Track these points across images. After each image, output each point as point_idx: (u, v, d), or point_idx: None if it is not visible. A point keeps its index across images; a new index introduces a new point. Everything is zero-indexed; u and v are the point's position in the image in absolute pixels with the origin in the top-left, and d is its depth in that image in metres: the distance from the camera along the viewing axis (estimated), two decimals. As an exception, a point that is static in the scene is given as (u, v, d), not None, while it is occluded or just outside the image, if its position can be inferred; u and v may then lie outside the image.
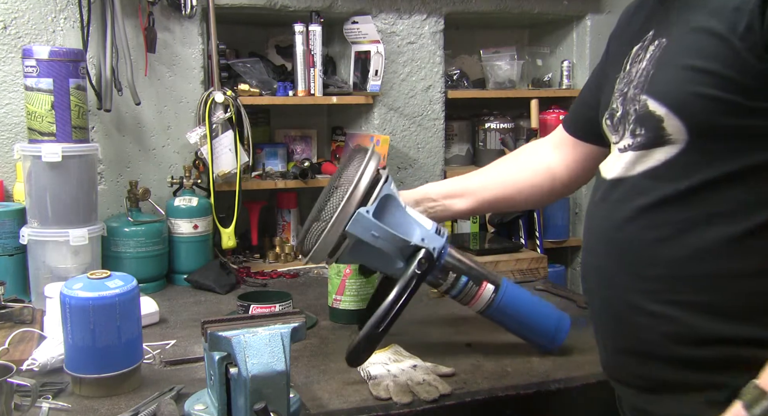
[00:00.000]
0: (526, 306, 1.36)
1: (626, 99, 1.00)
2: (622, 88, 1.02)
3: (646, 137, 0.94)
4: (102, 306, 1.19)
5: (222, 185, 2.14)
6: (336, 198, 1.24)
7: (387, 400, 1.19)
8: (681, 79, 0.90)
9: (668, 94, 0.91)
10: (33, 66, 1.69)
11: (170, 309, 1.73)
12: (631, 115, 0.98)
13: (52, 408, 1.15)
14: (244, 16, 2.33)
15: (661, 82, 0.93)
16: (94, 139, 2.02)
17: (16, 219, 1.78)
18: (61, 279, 1.50)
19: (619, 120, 1.02)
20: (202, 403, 1.11)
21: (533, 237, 2.53)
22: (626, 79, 1.02)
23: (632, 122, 0.97)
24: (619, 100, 1.02)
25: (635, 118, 0.97)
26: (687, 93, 0.89)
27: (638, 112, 0.96)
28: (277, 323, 1.05)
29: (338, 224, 1.21)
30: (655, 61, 0.96)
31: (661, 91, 0.93)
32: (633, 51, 1.03)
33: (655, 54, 0.96)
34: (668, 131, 0.91)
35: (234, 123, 2.12)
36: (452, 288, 1.33)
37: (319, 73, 2.23)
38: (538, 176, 1.40)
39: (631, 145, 0.98)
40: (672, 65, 0.92)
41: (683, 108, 0.89)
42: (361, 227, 1.21)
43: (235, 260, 2.20)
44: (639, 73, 0.99)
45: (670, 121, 0.90)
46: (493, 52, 2.66)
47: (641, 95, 0.95)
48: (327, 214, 1.24)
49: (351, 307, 1.61)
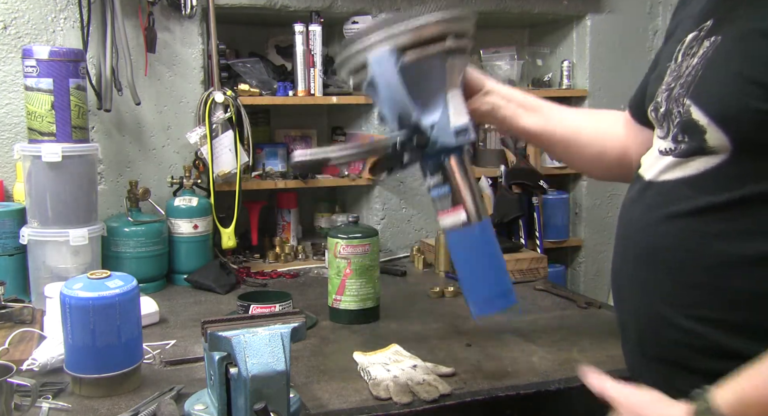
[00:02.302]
0: (485, 257, 1.23)
1: (671, 96, 0.94)
2: (670, 83, 0.96)
3: (688, 145, 0.90)
4: (102, 306, 1.19)
5: (222, 185, 2.14)
6: (392, 27, 1.09)
7: (387, 400, 1.19)
8: (730, 87, 0.84)
9: (714, 104, 0.86)
10: (33, 66, 1.69)
11: (170, 309, 1.73)
12: (674, 116, 0.93)
13: (52, 408, 1.15)
14: (244, 16, 2.33)
15: (707, 87, 0.87)
16: (94, 138, 2.02)
17: (16, 219, 1.78)
18: (61, 279, 1.50)
19: (663, 116, 0.97)
20: (202, 403, 1.11)
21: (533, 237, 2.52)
22: (676, 72, 0.95)
23: (675, 126, 0.92)
24: (664, 95, 0.96)
25: (679, 122, 0.92)
26: (734, 105, 0.83)
27: (682, 116, 0.91)
28: (277, 323, 1.05)
29: (364, 49, 1.11)
30: (707, 60, 0.89)
31: (707, 98, 0.87)
32: (687, 39, 0.96)
33: (708, 52, 0.90)
34: (710, 143, 0.86)
35: (234, 123, 2.12)
36: (433, 188, 1.21)
37: (319, 73, 2.23)
38: (614, 141, 1.24)
39: (672, 150, 0.93)
40: (722, 70, 0.86)
41: (729, 121, 0.84)
42: (379, 67, 1.10)
43: (235, 260, 2.19)
44: (688, 70, 0.92)
45: (713, 132, 0.85)
46: (493, 52, 2.66)
47: (686, 98, 0.90)
48: (370, 34, 1.10)
49: (351, 307, 1.61)
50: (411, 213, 2.43)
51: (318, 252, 2.31)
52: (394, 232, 2.42)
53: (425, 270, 2.18)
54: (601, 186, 2.69)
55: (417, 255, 2.23)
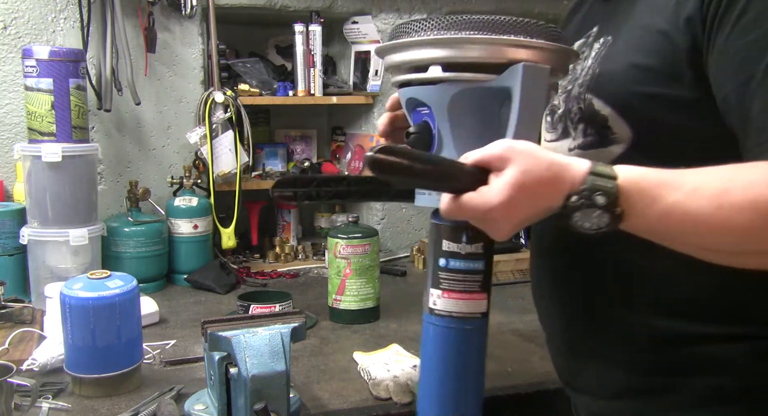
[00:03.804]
0: (481, 358, 1.01)
1: (570, 96, 0.98)
2: (566, 86, 1.00)
3: (593, 137, 0.93)
4: (102, 306, 1.19)
5: (222, 185, 2.14)
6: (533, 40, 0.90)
7: (387, 400, 1.19)
8: (624, 77, 0.88)
9: (612, 93, 0.89)
10: (33, 66, 1.69)
11: (170, 309, 1.73)
12: (575, 113, 0.96)
13: (52, 408, 1.15)
14: (244, 16, 2.33)
15: (605, 80, 0.91)
16: (94, 139, 2.02)
17: (16, 219, 1.78)
18: (61, 279, 1.50)
19: (559, 117, 1.00)
20: (202, 403, 1.11)
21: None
22: (571, 76, 0.99)
23: (578, 121, 0.96)
24: (561, 97, 1.00)
25: (581, 117, 0.95)
26: (629, 91, 0.87)
27: (584, 110, 0.94)
28: (277, 323, 1.05)
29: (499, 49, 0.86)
30: (601, 59, 0.94)
31: (606, 90, 0.91)
32: (575, 46, 1.01)
33: (601, 52, 0.94)
34: (614, 130, 0.89)
35: (234, 123, 2.12)
36: (464, 258, 1.00)
37: (319, 73, 2.23)
38: None
39: (580, 144, 0.96)
40: (616, 63, 0.90)
41: (627, 107, 0.88)
42: (531, 81, 0.86)
43: (235, 260, 2.19)
44: (585, 71, 0.96)
45: (615, 120, 0.89)
46: (493, 52, 2.66)
47: (587, 95, 0.93)
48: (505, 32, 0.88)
49: (351, 307, 1.62)
50: (411, 213, 2.43)
51: (318, 252, 2.31)
52: (394, 232, 2.42)
53: (425, 270, 2.18)
54: (601, 186, 2.69)
55: (417, 255, 2.23)
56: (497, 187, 0.74)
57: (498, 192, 0.74)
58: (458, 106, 0.88)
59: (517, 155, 0.75)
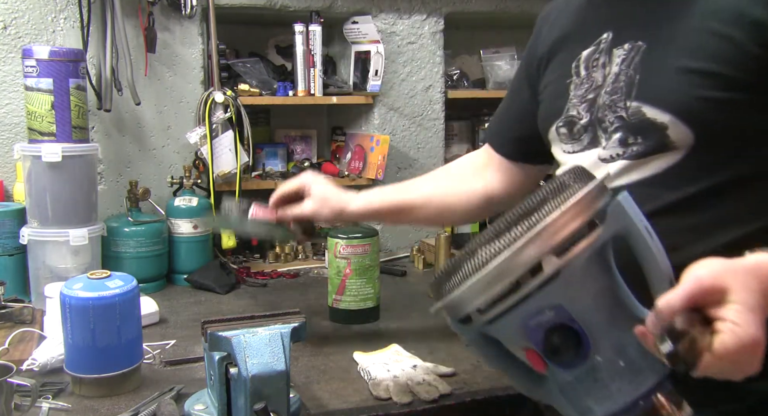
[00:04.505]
0: None
1: (596, 106, 0.96)
2: (583, 94, 0.99)
3: (645, 145, 0.91)
4: (102, 306, 1.19)
5: (222, 185, 2.14)
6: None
7: (387, 400, 1.19)
8: (681, 82, 0.86)
9: (670, 101, 0.88)
10: (33, 66, 1.69)
11: (170, 309, 1.73)
12: (611, 122, 0.94)
13: (52, 408, 1.15)
14: (244, 16, 2.33)
15: (655, 87, 0.90)
16: (94, 139, 2.02)
17: (16, 219, 1.78)
18: (61, 279, 1.50)
19: (585, 128, 0.98)
20: (202, 403, 1.11)
21: (533, 237, 2.52)
22: (587, 84, 0.98)
23: (615, 130, 0.93)
24: (580, 107, 0.99)
25: (622, 126, 0.93)
26: (691, 97, 0.86)
27: (629, 119, 0.92)
28: (277, 323, 1.05)
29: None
30: (638, 65, 0.92)
31: (659, 96, 0.89)
32: (584, 55, 1.00)
33: (633, 58, 0.93)
34: (672, 138, 0.88)
35: (234, 123, 2.12)
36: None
37: (319, 73, 2.23)
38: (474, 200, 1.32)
39: (622, 154, 0.93)
40: (664, 69, 0.89)
41: (691, 113, 0.86)
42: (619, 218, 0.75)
43: (235, 260, 2.19)
44: (614, 77, 0.94)
45: (676, 127, 0.87)
46: (493, 52, 2.66)
47: (630, 102, 0.92)
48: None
49: (351, 307, 1.61)
50: (411, 213, 2.43)
51: (318, 252, 2.31)
52: (394, 232, 2.42)
53: (425, 270, 2.18)
54: (601, 186, 2.69)
55: (417, 255, 2.23)
56: (744, 320, 0.65)
57: (751, 324, 0.65)
58: (588, 284, 0.75)
59: (724, 276, 0.68)
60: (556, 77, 1.06)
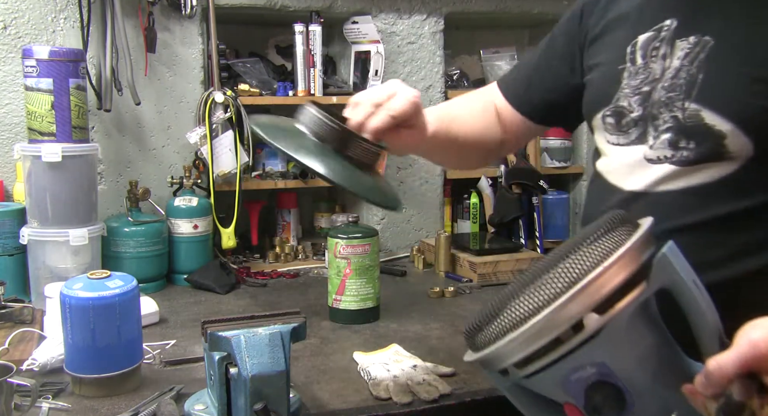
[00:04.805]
0: None
1: (651, 101, 0.89)
2: (638, 85, 0.91)
3: (697, 152, 0.84)
4: (102, 306, 1.19)
5: (222, 185, 2.14)
6: None
7: (387, 400, 1.19)
8: (750, 91, 0.80)
9: (736, 109, 0.81)
10: (33, 66, 1.69)
11: (170, 309, 1.73)
12: (664, 121, 0.87)
13: (52, 408, 1.15)
14: (244, 16, 2.33)
15: (721, 92, 0.83)
16: (94, 139, 2.02)
17: (16, 219, 1.78)
18: (61, 279, 1.50)
19: (635, 122, 0.91)
20: (202, 403, 1.11)
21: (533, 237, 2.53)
22: (644, 75, 0.90)
23: (665, 130, 0.87)
24: (633, 99, 0.91)
25: (676, 127, 0.86)
26: (759, 108, 0.79)
27: (685, 122, 0.85)
28: (277, 323, 1.05)
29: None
30: (702, 63, 0.85)
31: (725, 104, 0.82)
32: (641, 40, 0.92)
33: (697, 54, 0.85)
34: (730, 148, 0.81)
35: (234, 123, 2.12)
36: None
37: (319, 73, 2.23)
38: (493, 140, 1.22)
39: (670, 157, 0.87)
40: (734, 74, 0.82)
41: (754, 125, 0.80)
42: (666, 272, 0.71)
43: (235, 260, 2.19)
44: (673, 73, 0.87)
45: (736, 138, 0.81)
46: (493, 52, 2.66)
47: (688, 103, 0.85)
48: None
49: (351, 307, 1.62)
50: (411, 213, 2.43)
51: (318, 252, 2.31)
52: (394, 232, 2.42)
53: (425, 270, 2.18)
54: (601, 186, 2.69)
55: (417, 255, 2.23)
56: None
57: None
58: (631, 341, 0.71)
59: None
60: (607, 60, 0.97)
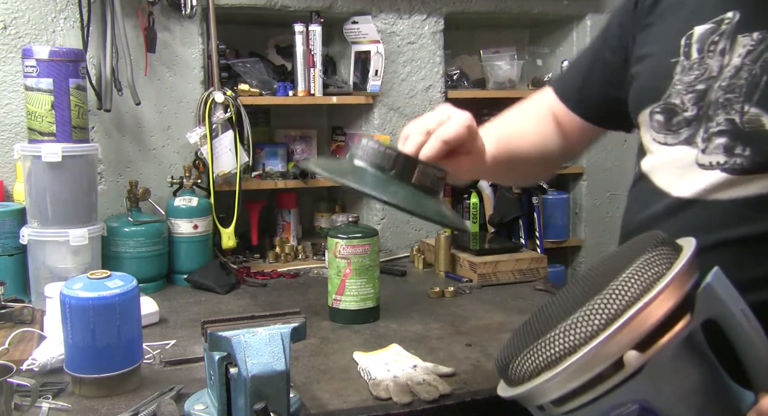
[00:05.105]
0: None
1: (707, 101, 0.83)
2: (692, 82, 0.84)
3: (754, 160, 0.79)
4: (102, 306, 1.19)
5: (222, 185, 2.14)
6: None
7: (387, 400, 1.19)
8: None
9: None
10: (33, 66, 1.69)
11: (170, 309, 1.73)
12: (718, 124, 0.82)
13: (52, 408, 1.15)
14: (244, 16, 2.33)
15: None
16: (94, 139, 2.02)
17: (16, 219, 1.78)
18: (61, 279, 1.50)
19: (687, 121, 0.85)
20: (202, 403, 1.11)
21: (533, 237, 2.53)
22: (700, 72, 0.84)
23: (719, 134, 0.81)
24: (686, 97, 0.85)
25: (733, 131, 0.80)
26: None
27: (743, 127, 0.80)
28: (277, 323, 1.05)
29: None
30: (765, 63, 0.79)
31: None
32: (696, 32, 0.85)
33: (763, 52, 0.79)
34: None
35: (234, 123, 2.12)
36: None
37: (319, 73, 2.23)
38: (553, 154, 1.12)
39: (723, 164, 0.81)
40: None
41: None
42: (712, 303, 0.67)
43: (235, 260, 2.19)
44: (733, 71, 0.81)
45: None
46: (493, 52, 2.66)
47: (748, 107, 0.79)
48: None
49: (351, 307, 1.61)
50: (411, 213, 2.43)
51: (318, 252, 2.31)
52: (394, 232, 2.42)
53: (425, 270, 2.18)
54: (602, 186, 2.69)
55: (417, 255, 2.23)
56: None
57: None
58: (675, 377, 0.68)
59: None
60: (659, 51, 0.91)
